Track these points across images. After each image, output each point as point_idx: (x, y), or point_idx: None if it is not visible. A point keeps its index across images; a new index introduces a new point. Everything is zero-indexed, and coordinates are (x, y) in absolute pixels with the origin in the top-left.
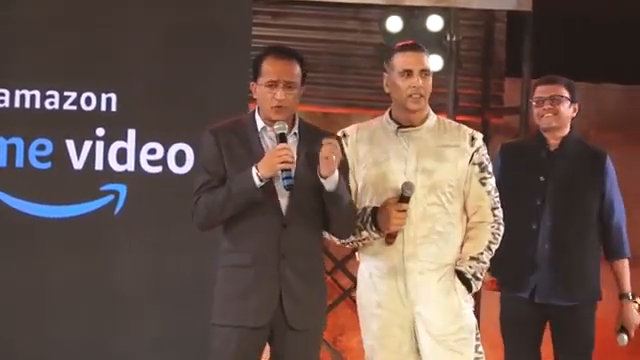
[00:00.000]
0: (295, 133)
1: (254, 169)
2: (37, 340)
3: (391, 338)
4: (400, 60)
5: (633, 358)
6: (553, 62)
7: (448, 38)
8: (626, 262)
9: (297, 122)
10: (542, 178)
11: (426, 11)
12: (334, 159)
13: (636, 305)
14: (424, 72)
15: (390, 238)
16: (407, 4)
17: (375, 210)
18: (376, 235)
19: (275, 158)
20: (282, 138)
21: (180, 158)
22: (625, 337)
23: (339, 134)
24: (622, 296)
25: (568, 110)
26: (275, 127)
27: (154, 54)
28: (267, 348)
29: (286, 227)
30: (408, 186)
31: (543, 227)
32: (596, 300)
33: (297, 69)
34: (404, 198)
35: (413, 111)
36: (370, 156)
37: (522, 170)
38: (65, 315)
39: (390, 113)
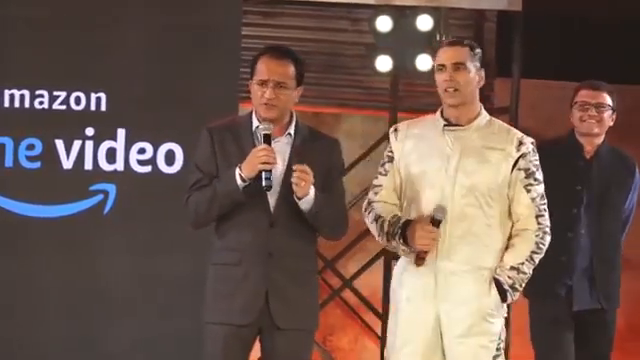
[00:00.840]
0: (290, 134)
1: (237, 169)
2: (26, 339)
3: (413, 334)
4: (437, 56)
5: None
6: (543, 62)
7: (438, 38)
8: None
9: (294, 123)
10: (579, 187)
11: (416, 11)
12: (303, 185)
13: None
14: (457, 65)
15: (419, 260)
16: (397, 4)
17: (407, 223)
18: (404, 248)
19: (255, 159)
20: (265, 139)
21: (169, 158)
22: None
23: (392, 129)
24: None
25: (610, 118)
26: (260, 127)
27: (144, 54)
28: (258, 347)
29: (273, 226)
30: (439, 210)
31: (578, 235)
32: (617, 306)
33: (290, 69)
34: (435, 221)
35: (451, 105)
36: (415, 152)
37: (557, 176)
38: (55, 313)
39: (441, 111)
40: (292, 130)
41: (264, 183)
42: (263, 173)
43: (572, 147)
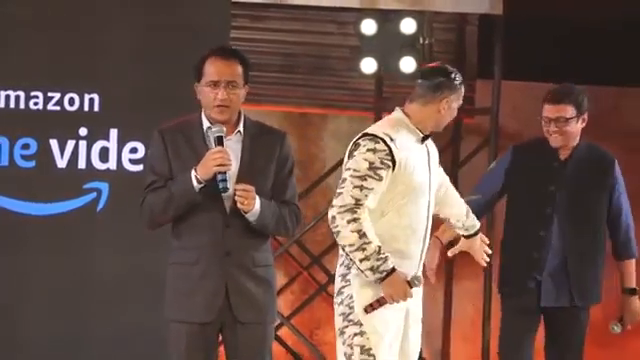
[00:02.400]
0: (239, 132)
1: (193, 171)
2: (20, 335)
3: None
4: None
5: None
6: (523, 64)
7: (421, 41)
8: (633, 262)
9: (242, 120)
10: (552, 188)
11: (400, 14)
12: (247, 203)
13: None
14: None
15: (375, 303)
16: (382, 7)
17: (392, 271)
18: (371, 279)
19: (211, 161)
20: (219, 141)
21: None
22: (618, 327)
23: (384, 137)
24: (629, 290)
25: (575, 126)
26: (213, 130)
27: (136, 56)
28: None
29: (229, 226)
30: (417, 279)
31: (550, 234)
32: (592, 302)
33: (239, 69)
34: (410, 286)
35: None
36: (411, 162)
37: (532, 177)
38: (48, 309)
39: (410, 120)
40: (241, 128)
41: (220, 186)
42: (219, 175)
43: (547, 148)
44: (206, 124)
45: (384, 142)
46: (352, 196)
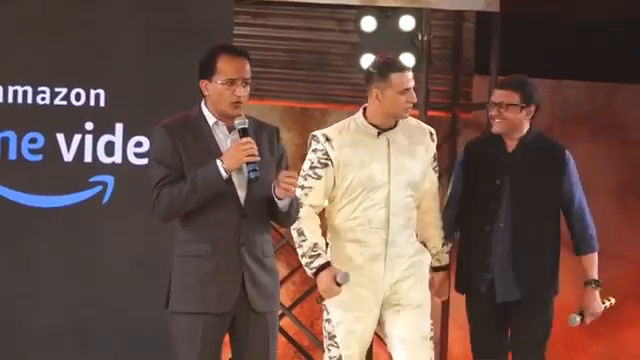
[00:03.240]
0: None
1: (219, 162)
2: (28, 324)
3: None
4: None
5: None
6: (519, 60)
7: (420, 37)
8: (595, 256)
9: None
10: (498, 181)
11: (399, 11)
12: (292, 190)
13: (607, 305)
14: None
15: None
16: (381, 5)
17: (325, 266)
18: (309, 274)
19: (241, 152)
20: (245, 132)
21: None
22: (578, 318)
23: (321, 138)
24: (588, 282)
25: (518, 115)
26: (236, 122)
27: (140, 52)
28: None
29: (245, 217)
30: (344, 276)
31: (496, 229)
32: (553, 296)
33: (249, 66)
34: (337, 283)
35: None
36: (356, 158)
37: (480, 172)
38: (54, 301)
39: (364, 117)
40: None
41: (252, 175)
42: (249, 165)
43: (494, 142)
44: (212, 120)
45: (321, 142)
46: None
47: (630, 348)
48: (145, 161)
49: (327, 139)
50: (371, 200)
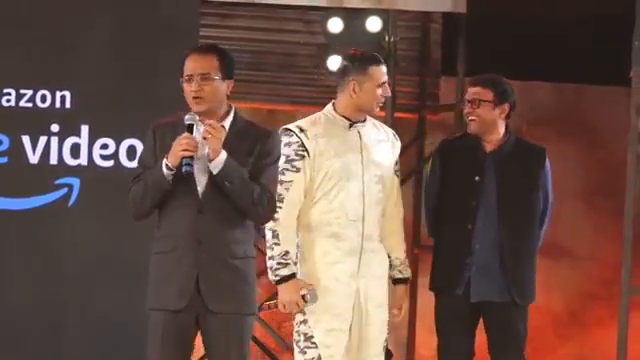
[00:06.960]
0: (223, 126)
1: (164, 159)
2: None
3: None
4: (378, 73)
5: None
6: (486, 61)
7: (386, 39)
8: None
9: (231, 117)
10: (477, 178)
11: (365, 13)
12: (211, 137)
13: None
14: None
15: (269, 306)
16: (347, 6)
17: (290, 277)
18: (270, 277)
19: (178, 147)
20: (189, 128)
21: (131, 153)
22: None
23: (295, 129)
24: None
25: (491, 113)
26: (185, 118)
27: (106, 54)
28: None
29: (201, 213)
30: (313, 297)
31: (477, 228)
32: (530, 300)
33: (214, 62)
34: (305, 300)
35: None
36: (331, 148)
37: (458, 169)
38: (22, 301)
39: (334, 110)
40: (227, 123)
41: (183, 169)
42: (183, 160)
43: (473, 140)
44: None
45: (295, 134)
46: (277, 193)
47: (599, 349)
48: (111, 163)
49: (301, 130)
50: (347, 191)
